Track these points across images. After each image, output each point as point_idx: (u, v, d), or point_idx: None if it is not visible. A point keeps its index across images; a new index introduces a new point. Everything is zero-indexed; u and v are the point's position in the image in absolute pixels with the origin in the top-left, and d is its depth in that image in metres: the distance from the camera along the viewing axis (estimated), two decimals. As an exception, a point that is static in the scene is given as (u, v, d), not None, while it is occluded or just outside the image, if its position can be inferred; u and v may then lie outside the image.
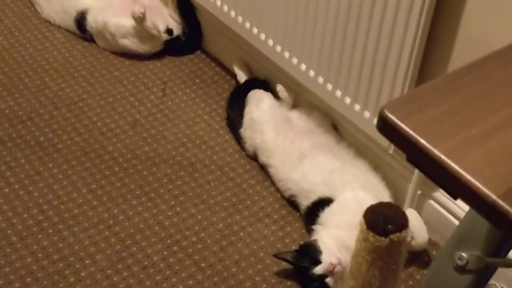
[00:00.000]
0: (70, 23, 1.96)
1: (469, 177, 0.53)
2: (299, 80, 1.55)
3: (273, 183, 1.60)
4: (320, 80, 1.48)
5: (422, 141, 0.56)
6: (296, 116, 1.64)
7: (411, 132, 0.57)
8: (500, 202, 0.53)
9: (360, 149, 1.56)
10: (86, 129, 1.72)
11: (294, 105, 1.68)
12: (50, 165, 1.63)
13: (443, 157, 0.55)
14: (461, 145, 0.56)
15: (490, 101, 0.63)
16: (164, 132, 1.73)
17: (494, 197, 0.53)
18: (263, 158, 1.61)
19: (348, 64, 1.39)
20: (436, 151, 0.55)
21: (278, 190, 1.59)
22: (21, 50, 1.92)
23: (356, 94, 1.41)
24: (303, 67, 1.51)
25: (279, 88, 1.66)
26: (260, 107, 1.65)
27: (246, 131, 1.65)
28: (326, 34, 1.41)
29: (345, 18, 1.35)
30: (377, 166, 1.53)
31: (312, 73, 1.50)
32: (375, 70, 1.34)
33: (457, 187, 0.54)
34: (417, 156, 0.57)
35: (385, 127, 0.60)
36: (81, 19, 1.92)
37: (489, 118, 0.60)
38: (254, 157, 1.65)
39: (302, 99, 1.67)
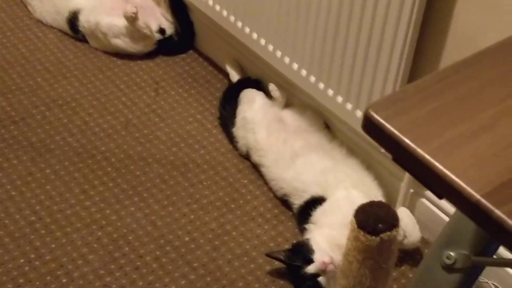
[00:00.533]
0: (62, 23, 1.95)
1: (453, 176, 0.53)
2: (291, 79, 1.55)
3: (265, 182, 1.60)
4: (312, 79, 1.48)
5: (407, 141, 0.56)
6: (289, 116, 1.64)
7: (396, 132, 0.57)
8: (484, 201, 0.53)
9: (352, 148, 1.56)
10: (79, 129, 1.72)
11: (287, 105, 1.68)
12: (43, 165, 1.63)
13: (427, 157, 0.55)
14: (446, 145, 0.56)
15: (476, 101, 0.63)
16: (157, 132, 1.72)
17: (478, 196, 0.53)
18: (255, 158, 1.61)
19: (340, 63, 1.39)
20: (420, 151, 0.55)
21: (270, 189, 1.59)
22: (13, 51, 1.91)
23: (347, 93, 1.41)
24: (295, 66, 1.51)
25: (272, 87, 1.66)
26: (253, 106, 1.65)
27: (238, 131, 1.65)
28: (318, 33, 1.41)
29: (336, 17, 1.35)
30: (369, 165, 1.53)
31: (303, 72, 1.50)
32: (367, 69, 1.34)
33: (441, 187, 0.54)
34: (402, 156, 0.57)
35: (370, 127, 0.60)
36: (73, 19, 1.91)
37: (475, 118, 0.60)
38: (246, 157, 1.65)
39: (294, 98, 1.67)
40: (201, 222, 1.53)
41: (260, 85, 1.73)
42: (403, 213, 1.42)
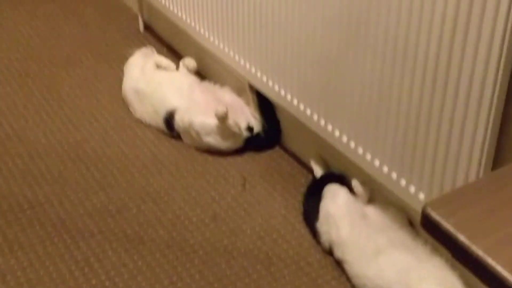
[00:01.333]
0: (159, 122, 2.09)
1: (506, 274, 0.54)
2: (373, 176, 1.57)
3: (348, 279, 1.59)
4: (394, 175, 1.50)
5: (462, 238, 0.58)
6: (372, 212, 1.65)
7: (451, 229, 0.59)
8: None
9: (436, 245, 1.53)
10: (170, 222, 1.80)
11: (370, 200, 1.69)
12: (135, 257, 1.70)
13: (481, 253, 0.56)
14: (500, 242, 0.57)
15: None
16: (242, 225, 1.77)
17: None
18: (338, 253, 1.61)
19: (422, 159, 1.40)
20: (475, 248, 0.57)
21: (353, 286, 1.57)
22: (114, 148, 2.06)
23: (430, 190, 1.41)
24: (377, 162, 1.53)
25: (355, 183, 1.68)
26: (336, 201, 1.67)
27: (322, 226, 1.67)
28: (399, 129, 1.43)
29: (416, 113, 1.37)
30: (454, 262, 1.49)
31: (385, 168, 1.51)
32: (448, 164, 1.34)
33: (496, 284, 0.55)
34: (458, 253, 0.59)
35: (428, 224, 0.61)
36: (169, 118, 2.05)
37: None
38: (329, 252, 1.65)
39: (377, 194, 1.68)
40: (283, 317, 1.53)
41: (343, 180, 1.76)
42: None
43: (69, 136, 2.10)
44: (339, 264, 1.63)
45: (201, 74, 2.23)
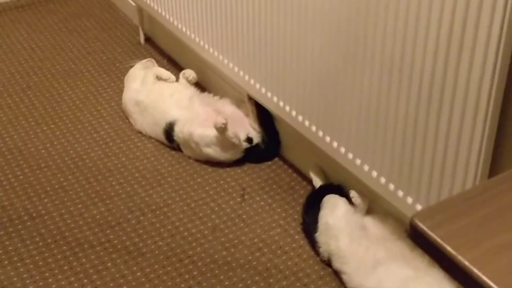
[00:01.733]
0: (159, 133, 2.10)
1: (492, 284, 0.54)
2: (370, 187, 1.57)
3: (347, 290, 1.59)
4: (391, 186, 1.50)
5: (449, 248, 0.58)
6: (371, 223, 1.65)
7: (439, 240, 0.59)
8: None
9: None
10: (169, 234, 1.80)
11: (368, 211, 1.69)
12: (134, 268, 1.70)
13: (467, 264, 0.56)
14: (487, 253, 0.57)
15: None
16: (241, 237, 1.77)
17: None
18: (337, 264, 1.61)
19: (418, 171, 1.41)
20: (461, 258, 0.57)
21: (352, 297, 1.57)
22: (114, 159, 2.07)
23: (427, 201, 1.41)
24: (374, 174, 1.53)
25: (353, 194, 1.68)
26: (335, 212, 1.67)
27: (321, 236, 1.67)
28: (396, 141, 1.44)
29: (413, 125, 1.38)
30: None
31: (383, 179, 1.52)
32: (445, 175, 1.34)
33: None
34: (445, 264, 0.59)
35: (415, 235, 0.62)
36: (169, 130, 2.06)
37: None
38: (328, 263, 1.65)
39: (376, 206, 1.68)
40: (281, 329, 1.53)
41: (342, 191, 1.76)
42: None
43: (70, 148, 2.11)
44: (337, 275, 1.63)
45: (201, 85, 2.24)
